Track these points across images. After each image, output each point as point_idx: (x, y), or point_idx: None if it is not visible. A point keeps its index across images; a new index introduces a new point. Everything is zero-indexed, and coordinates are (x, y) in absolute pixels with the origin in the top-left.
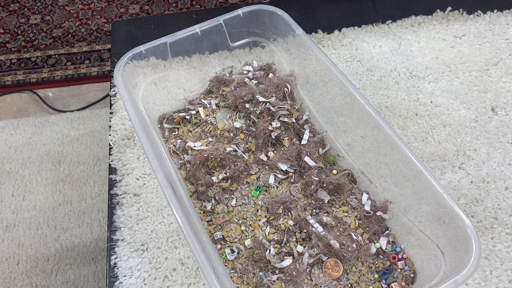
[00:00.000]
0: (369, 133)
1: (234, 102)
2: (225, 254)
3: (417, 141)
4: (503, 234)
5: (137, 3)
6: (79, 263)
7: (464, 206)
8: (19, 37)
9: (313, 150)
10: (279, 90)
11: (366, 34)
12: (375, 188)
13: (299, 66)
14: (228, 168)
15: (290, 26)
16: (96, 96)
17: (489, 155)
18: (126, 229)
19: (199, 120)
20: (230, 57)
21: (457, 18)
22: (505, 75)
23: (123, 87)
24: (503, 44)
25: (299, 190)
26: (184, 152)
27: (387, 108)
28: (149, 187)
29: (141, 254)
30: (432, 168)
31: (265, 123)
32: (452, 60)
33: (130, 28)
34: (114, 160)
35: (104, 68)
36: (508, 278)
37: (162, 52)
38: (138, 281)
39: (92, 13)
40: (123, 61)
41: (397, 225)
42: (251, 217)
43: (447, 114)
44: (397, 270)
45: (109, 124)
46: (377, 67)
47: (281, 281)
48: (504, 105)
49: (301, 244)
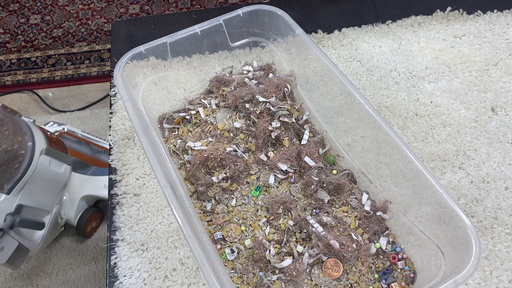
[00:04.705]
0: (369, 133)
1: (234, 102)
2: (225, 254)
3: (417, 141)
4: (503, 234)
5: (137, 3)
6: (79, 263)
7: (464, 206)
8: (19, 37)
9: (313, 150)
10: (279, 90)
11: (366, 34)
12: (375, 188)
13: (299, 66)
14: (228, 168)
15: (290, 26)
16: (96, 96)
17: (489, 155)
18: (126, 229)
19: (199, 120)
20: (230, 57)
21: (457, 18)
22: (505, 75)
23: (123, 87)
24: (503, 44)
25: (299, 190)
26: (184, 152)
27: (387, 108)
28: (149, 187)
29: (141, 254)
30: (432, 168)
31: (265, 123)
32: (452, 60)
33: (130, 28)
34: (114, 160)
35: (104, 68)
36: (508, 278)
37: (162, 52)
38: (138, 281)
39: (92, 13)
40: (123, 61)
41: (397, 225)
42: (251, 217)
43: (447, 114)
44: (397, 270)
45: (109, 124)
46: (377, 67)
47: (281, 281)
48: (504, 105)
49: (301, 244)
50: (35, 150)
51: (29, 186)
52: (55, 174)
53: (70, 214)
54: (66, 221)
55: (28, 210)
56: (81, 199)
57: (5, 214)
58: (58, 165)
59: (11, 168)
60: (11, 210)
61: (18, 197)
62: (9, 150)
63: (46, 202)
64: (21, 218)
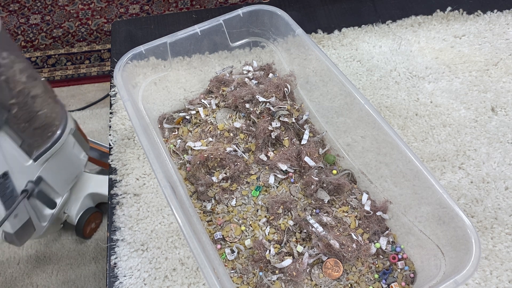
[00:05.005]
0: (369, 133)
1: (234, 102)
2: (225, 254)
3: (417, 141)
4: (503, 234)
5: (137, 3)
6: (79, 263)
7: (464, 206)
8: (19, 37)
9: (313, 150)
10: (279, 90)
11: (366, 34)
12: (375, 188)
13: (299, 66)
14: (228, 168)
15: (290, 26)
16: (96, 96)
17: (489, 155)
18: (126, 229)
19: (199, 120)
20: (230, 57)
21: (457, 18)
22: (505, 75)
23: (123, 87)
24: (503, 44)
25: (299, 190)
26: (184, 152)
27: (387, 108)
28: (149, 187)
29: (141, 254)
30: (432, 168)
31: (265, 123)
32: (452, 60)
33: (130, 28)
34: (114, 160)
35: (104, 68)
36: (508, 278)
37: (162, 52)
38: (138, 281)
39: (92, 13)
40: (123, 61)
41: (397, 225)
42: (251, 217)
43: (447, 114)
44: (397, 270)
45: (109, 124)
46: (377, 67)
47: (281, 281)
48: (504, 105)
49: (301, 244)
50: (66, 126)
51: (52, 161)
52: (75, 158)
53: (73, 210)
54: (67, 219)
55: (45, 186)
56: (85, 196)
57: (27, 180)
58: (79, 150)
59: (45, 134)
60: (33, 178)
61: (41, 168)
62: (48, 116)
63: (61, 184)
64: (39, 189)
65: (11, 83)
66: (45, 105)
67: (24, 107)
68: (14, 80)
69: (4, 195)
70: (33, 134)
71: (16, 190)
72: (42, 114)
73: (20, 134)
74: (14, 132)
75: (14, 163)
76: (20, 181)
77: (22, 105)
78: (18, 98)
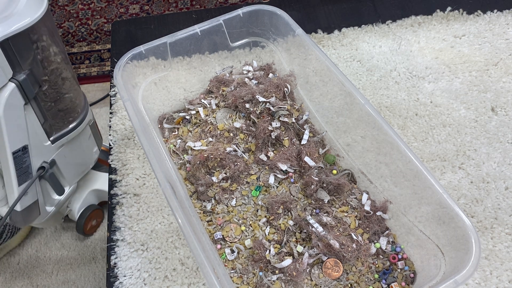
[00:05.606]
0: (369, 133)
1: (234, 102)
2: (225, 254)
3: (417, 141)
4: (503, 234)
5: (137, 3)
6: (79, 263)
7: (464, 206)
8: None
9: (313, 150)
10: (279, 90)
11: (366, 34)
12: (375, 188)
13: (299, 66)
14: (228, 168)
15: (290, 26)
16: (96, 96)
17: (489, 155)
18: (126, 229)
19: (199, 120)
20: (230, 57)
21: (457, 18)
22: (505, 75)
23: (123, 87)
24: (503, 44)
25: (299, 190)
26: (184, 152)
27: (387, 108)
28: (149, 187)
29: (141, 254)
30: (432, 168)
31: (265, 123)
32: (452, 60)
33: (130, 28)
34: (114, 160)
35: (104, 68)
36: (508, 278)
37: (162, 52)
38: (138, 281)
39: (92, 13)
40: (123, 61)
41: (397, 225)
42: (251, 217)
43: (447, 114)
44: (397, 270)
45: (109, 124)
46: (377, 67)
47: (281, 281)
48: (504, 105)
49: (301, 244)
50: (86, 116)
51: (68, 147)
52: (89, 150)
53: (75, 205)
54: (68, 214)
55: (57, 171)
56: (89, 192)
57: (42, 160)
58: (93, 143)
59: (66, 118)
60: (48, 160)
61: (56, 152)
62: (73, 101)
63: (71, 173)
64: (51, 172)
65: (46, 62)
66: (72, 90)
67: (54, 86)
68: (49, 59)
69: (21, 169)
70: (56, 115)
71: (31, 167)
72: (68, 97)
73: (45, 113)
74: (40, 109)
75: (34, 140)
76: (36, 160)
77: (53, 84)
78: (50, 76)
